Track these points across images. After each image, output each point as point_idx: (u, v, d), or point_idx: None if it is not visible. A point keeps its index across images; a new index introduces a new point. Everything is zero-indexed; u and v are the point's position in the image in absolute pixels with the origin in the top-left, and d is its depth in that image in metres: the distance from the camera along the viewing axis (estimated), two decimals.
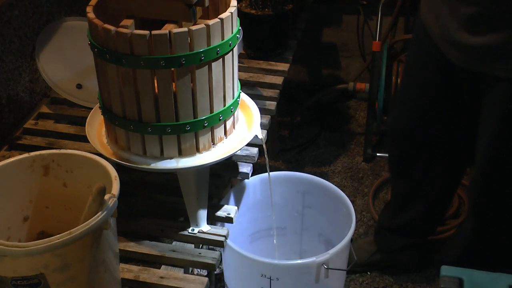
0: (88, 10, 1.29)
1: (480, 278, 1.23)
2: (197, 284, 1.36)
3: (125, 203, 1.33)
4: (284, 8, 2.14)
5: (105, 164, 1.24)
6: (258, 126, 1.47)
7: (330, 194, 1.91)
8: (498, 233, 1.82)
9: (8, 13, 1.79)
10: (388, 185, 2.54)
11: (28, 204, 1.31)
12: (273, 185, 1.94)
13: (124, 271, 1.39)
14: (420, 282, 2.15)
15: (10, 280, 1.08)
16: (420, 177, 1.94)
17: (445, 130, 1.81)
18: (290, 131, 2.89)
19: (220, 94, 1.33)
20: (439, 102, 1.76)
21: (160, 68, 1.23)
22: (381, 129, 2.75)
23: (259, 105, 1.61)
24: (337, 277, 1.78)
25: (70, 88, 1.88)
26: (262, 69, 2.10)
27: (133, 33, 1.20)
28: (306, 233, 2.06)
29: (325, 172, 2.65)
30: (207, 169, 1.43)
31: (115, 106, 1.33)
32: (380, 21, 2.56)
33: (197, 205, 1.44)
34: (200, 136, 1.34)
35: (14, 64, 1.85)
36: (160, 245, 1.47)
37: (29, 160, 1.27)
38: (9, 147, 1.75)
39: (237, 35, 1.33)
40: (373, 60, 2.57)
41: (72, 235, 1.06)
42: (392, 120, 1.96)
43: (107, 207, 1.12)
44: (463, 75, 1.62)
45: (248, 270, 1.73)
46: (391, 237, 2.12)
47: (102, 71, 1.31)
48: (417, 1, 1.74)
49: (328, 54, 3.09)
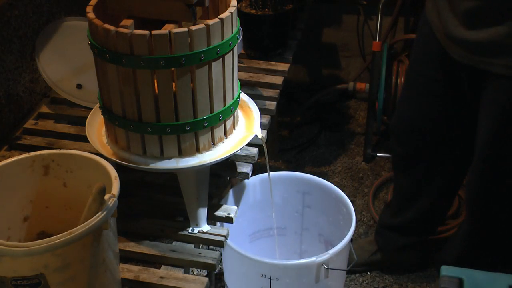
0: (88, 10, 1.29)
1: (480, 278, 1.23)
2: (197, 284, 1.36)
3: (125, 203, 1.33)
4: (284, 8, 2.14)
5: (105, 164, 1.24)
6: (258, 126, 1.47)
7: (330, 194, 1.91)
8: (496, 232, 1.82)
9: (8, 13, 1.79)
10: (388, 185, 2.54)
11: (28, 204, 1.31)
12: (273, 185, 1.94)
13: (124, 271, 1.39)
14: (420, 282, 2.15)
15: (10, 280, 1.08)
16: (422, 175, 1.94)
17: (448, 127, 1.81)
18: (290, 131, 2.89)
19: (220, 94, 1.33)
20: (443, 99, 1.76)
21: (160, 68, 1.23)
22: (381, 129, 2.75)
23: (259, 105, 1.61)
24: (337, 277, 1.78)
25: (70, 88, 1.88)
26: (262, 69, 2.10)
27: (133, 33, 1.20)
28: (306, 233, 2.06)
29: (325, 172, 2.65)
30: (207, 169, 1.43)
31: (115, 106, 1.33)
32: (380, 21, 2.56)
33: (197, 205, 1.44)
34: (200, 136, 1.34)
35: (14, 64, 1.85)
36: (160, 245, 1.47)
37: (29, 160, 1.27)
38: (9, 147, 1.75)
39: (237, 35, 1.33)
40: (373, 60, 2.57)
41: (72, 235, 1.06)
42: (395, 117, 1.96)
43: (107, 207, 1.12)
44: (464, 71, 1.63)
45: (248, 270, 1.73)
46: (392, 236, 2.12)
47: (102, 71, 1.31)
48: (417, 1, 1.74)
49: (328, 54, 3.09)
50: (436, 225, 2.16)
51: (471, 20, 1.50)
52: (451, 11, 1.55)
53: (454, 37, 1.55)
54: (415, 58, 1.84)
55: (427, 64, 1.76)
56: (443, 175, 1.93)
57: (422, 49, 1.78)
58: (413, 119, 1.86)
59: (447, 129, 1.82)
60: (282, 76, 2.07)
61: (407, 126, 1.89)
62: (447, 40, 1.60)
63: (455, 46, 1.58)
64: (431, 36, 1.67)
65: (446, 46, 1.61)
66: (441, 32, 1.61)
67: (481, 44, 1.51)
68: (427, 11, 1.69)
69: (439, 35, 1.63)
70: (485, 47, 1.50)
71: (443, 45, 1.62)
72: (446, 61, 1.65)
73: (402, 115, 1.92)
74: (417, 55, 1.83)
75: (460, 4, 1.51)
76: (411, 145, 1.91)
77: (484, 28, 1.48)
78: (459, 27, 1.53)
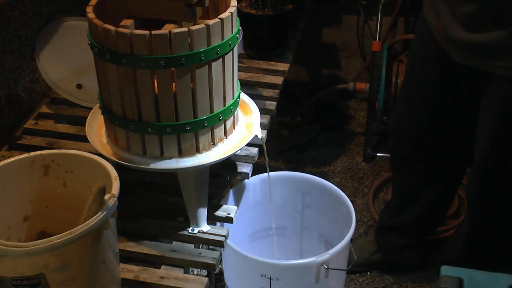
0: (88, 10, 1.29)
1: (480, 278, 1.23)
2: (197, 284, 1.36)
3: (125, 203, 1.33)
4: (284, 8, 2.14)
5: (105, 164, 1.24)
6: (258, 126, 1.47)
7: (330, 194, 1.91)
8: (496, 232, 1.82)
9: (8, 13, 1.79)
10: (388, 185, 2.54)
11: (28, 204, 1.31)
12: (273, 185, 1.94)
13: (124, 271, 1.39)
14: (420, 282, 2.15)
15: (10, 280, 1.08)
16: (421, 176, 1.94)
17: (446, 128, 1.81)
18: (290, 131, 2.89)
19: (220, 94, 1.33)
20: (441, 99, 1.76)
21: (160, 68, 1.23)
22: (381, 129, 2.75)
23: (259, 105, 1.61)
24: (337, 277, 1.78)
25: (70, 88, 1.88)
26: (262, 69, 2.10)
27: (133, 33, 1.20)
28: (306, 233, 2.06)
29: (325, 172, 2.65)
30: (207, 169, 1.43)
31: (115, 106, 1.33)
32: (380, 21, 2.56)
33: (197, 205, 1.44)
34: (200, 136, 1.34)
35: (14, 64, 1.85)
36: (160, 245, 1.47)
37: (29, 160, 1.27)
38: (9, 147, 1.75)
39: (237, 35, 1.33)
40: (373, 60, 2.57)
41: (72, 235, 1.06)
42: (394, 118, 1.96)
43: (107, 207, 1.12)
44: (463, 72, 1.63)
45: (248, 270, 1.73)
46: (392, 236, 2.12)
47: (102, 71, 1.31)
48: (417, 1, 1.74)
49: (328, 54, 3.09)
50: (435, 225, 2.16)
51: (472, 22, 1.50)
52: (451, 14, 1.54)
53: (455, 39, 1.55)
54: (413, 59, 1.84)
55: (425, 64, 1.76)
56: (442, 176, 1.93)
57: (420, 50, 1.78)
58: (411, 120, 1.86)
59: (445, 129, 1.82)
60: (282, 76, 2.07)
61: (405, 127, 1.89)
62: (446, 42, 1.59)
63: (455, 48, 1.57)
64: (430, 37, 1.67)
65: (445, 48, 1.61)
66: (440, 34, 1.61)
67: (482, 46, 1.50)
68: (425, 12, 1.69)
69: (437, 36, 1.63)
70: (486, 49, 1.50)
71: (442, 47, 1.62)
72: (444, 62, 1.65)
73: (400, 116, 1.92)
74: (415, 55, 1.83)
75: (460, 7, 1.50)
76: (410, 146, 1.91)
77: (485, 30, 1.48)
78: (459, 30, 1.53)
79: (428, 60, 1.74)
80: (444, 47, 1.61)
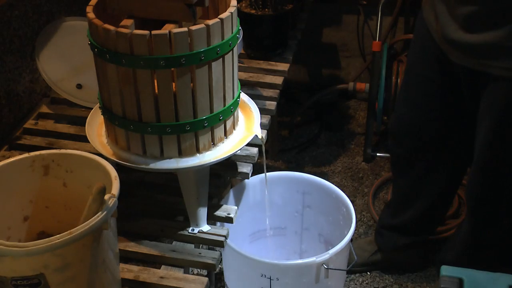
0: (88, 10, 1.29)
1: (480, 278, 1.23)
2: (197, 284, 1.36)
3: (125, 203, 1.33)
4: (284, 8, 2.14)
5: (105, 164, 1.24)
6: (258, 126, 1.47)
7: (330, 194, 1.91)
8: (496, 232, 1.82)
9: (8, 13, 1.79)
10: (388, 185, 2.54)
11: (28, 204, 1.31)
12: (273, 185, 1.94)
13: (124, 271, 1.39)
14: (420, 282, 2.15)
15: (10, 280, 1.08)
16: (421, 176, 1.94)
17: (446, 128, 1.81)
18: (290, 131, 2.89)
19: (220, 94, 1.33)
20: (440, 100, 1.76)
21: (160, 68, 1.23)
22: (381, 129, 2.75)
23: (259, 105, 1.61)
24: (337, 277, 1.78)
25: (70, 88, 1.88)
26: (262, 69, 2.10)
27: (133, 33, 1.20)
28: (306, 233, 2.06)
29: (325, 172, 2.65)
30: (207, 169, 1.43)
31: (115, 106, 1.33)
32: (380, 21, 2.57)
33: (197, 205, 1.44)
34: (200, 136, 1.34)
35: (14, 64, 1.85)
36: (160, 245, 1.47)
37: (29, 160, 1.27)
38: (9, 147, 1.75)
39: (237, 35, 1.33)
40: (373, 60, 2.57)
41: (72, 235, 1.06)
42: (393, 118, 1.96)
43: (107, 207, 1.12)
44: (462, 72, 1.63)
45: (248, 270, 1.73)
46: (392, 236, 2.12)
47: (102, 71, 1.31)
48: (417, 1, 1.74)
49: (328, 54, 3.10)
50: (435, 225, 2.17)
51: (470, 23, 1.50)
52: (449, 15, 1.55)
53: (453, 40, 1.55)
54: (413, 59, 1.84)
55: (424, 65, 1.76)
56: (441, 176, 1.93)
57: (419, 50, 1.78)
58: (411, 120, 1.86)
59: (445, 129, 1.82)
60: (282, 76, 2.07)
61: (405, 127, 1.89)
62: (445, 42, 1.59)
63: (453, 48, 1.58)
64: (429, 37, 1.67)
65: (444, 48, 1.61)
66: (439, 34, 1.61)
67: (480, 47, 1.51)
68: (425, 13, 1.69)
69: (436, 37, 1.63)
70: (485, 50, 1.50)
71: (441, 47, 1.62)
72: (443, 62, 1.65)
73: (400, 116, 1.92)
74: (414, 56, 1.83)
75: (458, 8, 1.51)
76: (409, 146, 1.91)
77: (483, 31, 1.48)
78: (458, 31, 1.53)
79: (427, 60, 1.74)
80: (443, 47, 1.62)
